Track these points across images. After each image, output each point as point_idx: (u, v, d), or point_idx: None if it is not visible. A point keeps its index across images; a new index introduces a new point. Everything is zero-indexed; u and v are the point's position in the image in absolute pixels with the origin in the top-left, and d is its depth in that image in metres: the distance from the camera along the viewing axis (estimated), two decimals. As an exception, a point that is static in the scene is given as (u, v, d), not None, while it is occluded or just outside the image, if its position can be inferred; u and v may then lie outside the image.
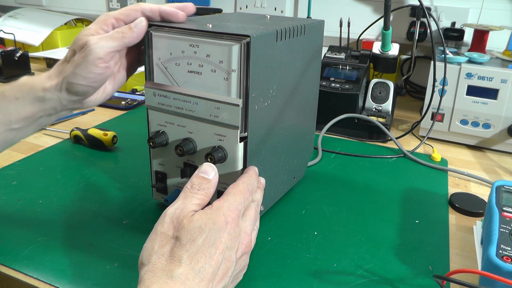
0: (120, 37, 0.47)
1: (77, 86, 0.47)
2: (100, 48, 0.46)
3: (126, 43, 0.48)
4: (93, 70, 0.47)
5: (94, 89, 0.49)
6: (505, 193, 0.55)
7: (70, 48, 0.49)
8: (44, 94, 0.48)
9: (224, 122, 0.48)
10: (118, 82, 0.54)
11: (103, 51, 0.46)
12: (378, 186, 0.68)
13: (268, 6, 1.26)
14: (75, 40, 0.48)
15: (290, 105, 0.56)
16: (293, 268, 0.49)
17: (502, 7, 1.05)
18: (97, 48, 0.46)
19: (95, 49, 0.46)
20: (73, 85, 0.47)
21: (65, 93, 0.48)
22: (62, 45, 1.40)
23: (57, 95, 0.48)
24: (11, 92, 0.48)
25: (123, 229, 0.55)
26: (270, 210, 0.60)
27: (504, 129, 0.80)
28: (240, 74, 0.45)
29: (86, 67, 0.46)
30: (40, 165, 0.70)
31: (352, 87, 0.89)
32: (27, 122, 0.49)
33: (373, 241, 0.54)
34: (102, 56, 0.46)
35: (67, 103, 0.49)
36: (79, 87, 0.48)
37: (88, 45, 0.46)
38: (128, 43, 0.48)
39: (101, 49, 0.46)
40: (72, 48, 0.48)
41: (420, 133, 0.89)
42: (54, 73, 0.49)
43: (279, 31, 0.49)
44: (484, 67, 0.79)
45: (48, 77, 0.49)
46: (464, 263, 0.52)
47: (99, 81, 0.49)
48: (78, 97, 0.49)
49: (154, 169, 0.56)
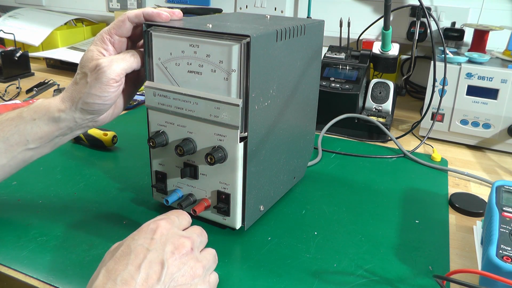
0: (132, 61, 0.51)
1: (93, 105, 0.50)
2: (113, 71, 0.49)
3: (137, 65, 0.51)
4: (107, 89, 0.49)
5: (108, 107, 0.52)
6: (505, 193, 0.55)
7: (78, 71, 0.51)
8: (59, 115, 0.50)
9: (224, 122, 0.48)
10: (128, 95, 0.56)
11: (115, 72, 0.49)
12: (378, 186, 0.68)
13: (268, 6, 1.26)
14: (83, 63, 0.51)
15: (290, 105, 0.56)
16: (293, 268, 0.49)
17: (502, 7, 1.05)
18: (110, 70, 0.49)
19: (108, 71, 0.49)
20: (89, 105, 0.50)
21: (79, 112, 0.51)
22: (62, 45, 1.40)
23: (71, 115, 0.51)
24: (28, 114, 0.51)
25: (123, 229, 0.55)
26: (270, 210, 0.60)
27: (504, 129, 0.80)
28: (240, 74, 0.45)
29: (101, 87, 0.49)
30: (40, 165, 0.70)
31: (352, 87, 0.89)
32: (43, 142, 0.51)
33: (373, 241, 0.54)
34: (115, 77, 0.49)
35: (81, 122, 0.52)
36: (95, 106, 0.50)
37: (101, 67, 0.49)
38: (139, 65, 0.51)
39: (113, 71, 0.49)
40: (82, 71, 0.51)
41: (420, 133, 0.89)
42: (67, 96, 0.51)
43: (279, 31, 0.49)
44: (484, 67, 0.79)
45: (62, 99, 0.51)
46: (464, 263, 0.52)
47: (113, 98, 0.51)
48: (92, 116, 0.51)
49: (154, 169, 0.56)
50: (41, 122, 0.50)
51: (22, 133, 0.50)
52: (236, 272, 0.48)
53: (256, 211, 0.54)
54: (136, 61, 0.51)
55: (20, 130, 0.50)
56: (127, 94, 0.56)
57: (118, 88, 0.50)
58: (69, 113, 0.50)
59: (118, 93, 0.51)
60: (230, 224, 0.53)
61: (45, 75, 1.24)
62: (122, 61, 0.50)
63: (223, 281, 0.46)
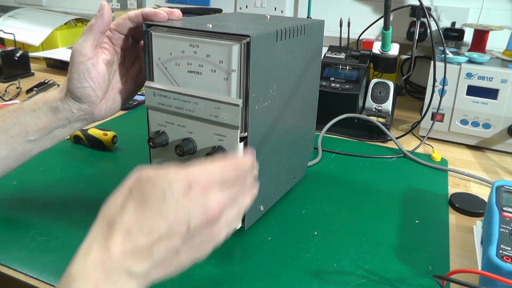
0: (89, 27, 0.50)
1: (76, 91, 0.50)
2: (78, 46, 0.49)
3: (98, 30, 0.50)
4: (80, 68, 0.49)
5: (94, 91, 0.51)
6: (505, 193, 0.55)
7: None
8: (57, 105, 0.51)
9: (224, 122, 0.48)
10: (128, 93, 0.56)
11: (80, 47, 0.49)
12: (378, 186, 0.68)
13: (268, 6, 1.26)
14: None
15: (290, 105, 0.56)
16: (293, 268, 0.49)
17: (502, 7, 1.05)
18: (76, 47, 0.49)
19: (75, 48, 0.49)
20: (73, 91, 0.50)
21: (72, 101, 0.51)
22: (62, 45, 1.40)
23: (67, 105, 0.51)
24: (29, 105, 0.51)
25: (123, 229, 0.55)
26: (270, 210, 0.60)
27: (504, 129, 0.80)
28: (240, 74, 0.45)
29: (75, 68, 0.49)
30: (40, 165, 0.70)
31: (352, 87, 0.89)
32: (42, 133, 0.51)
33: (373, 241, 0.54)
34: (81, 51, 0.49)
35: (78, 113, 0.52)
36: (78, 91, 0.50)
37: (72, 50, 0.50)
38: (101, 29, 0.50)
39: (79, 46, 0.49)
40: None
41: (420, 133, 0.89)
42: (62, 86, 0.52)
43: (279, 31, 0.49)
44: (484, 67, 0.79)
45: (59, 90, 0.52)
46: (464, 263, 0.52)
47: (94, 80, 0.50)
48: (84, 104, 0.51)
49: (154, 169, 0.56)
50: (40, 113, 0.51)
51: (22, 124, 0.50)
52: (236, 272, 0.48)
53: (256, 211, 0.54)
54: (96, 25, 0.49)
55: (20, 121, 0.50)
56: (125, 91, 0.56)
57: (93, 68, 0.50)
58: (65, 102, 0.51)
59: (98, 75, 0.50)
60: (230, 224, 0.53)
61: (45, 75, 1.24)
62: (83, 34, 0.50)
63: (223, 281, 0.47)
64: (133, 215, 0.33)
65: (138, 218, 0.33)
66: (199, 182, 0.34)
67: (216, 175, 0.36)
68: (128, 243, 0.32)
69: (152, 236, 0.33)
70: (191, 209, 0.34)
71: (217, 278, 0.47)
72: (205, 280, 0.47)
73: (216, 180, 0.35)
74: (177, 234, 0.33)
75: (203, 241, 0.36)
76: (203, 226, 0.35)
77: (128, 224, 0.33)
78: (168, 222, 0.33)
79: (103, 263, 0.31)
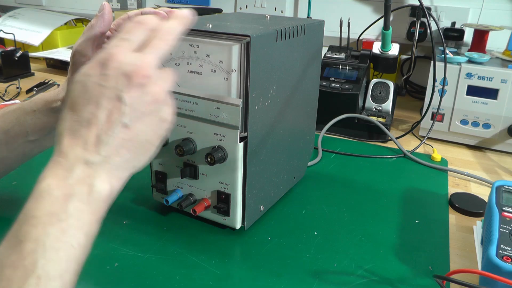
0: (89, 27, 0.49)
1: None
2: (79, 46, 0.49)
3: (99, 30, 0.49)
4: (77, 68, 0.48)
5: None
6: (505, 193, 0.55)
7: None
8: (57, 105, 0.50)
9: (224, 122, 0.48)
10: None
11: (80, 47, 0.49)
12: (378, 186, 0.68)
13: (268, 6, 1.26)
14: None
15: (290, 105, 0.56)
16: (293, 268, 0.49)
17: (502, 7, 1.05)
18: (77, 47, 0.49)
19: (76, 49, 0.49)
20: None
21: None
22: (62, 45, 1.40)
23: None
24: (29, 105, 0.51)
25: (123, 229, 0.55)
26: (270, 210, 0.60)
27: (504, 129, 0.80)
28: (240, 74, 0.45)
29: (75, 68, 0.49)
30: (40, 165, 0.69)
31: (352, 87, 0.89)
32: (42, 133, 0.51)
33: (373, 241, 0.54)
34: (81, 51, 0.48)
35: None
36: None
37: (72, 50, 0.49)
38: (101, 29, 0.49)
39: (79, 46, 0.49)
40: None
41: (420, 133, 0.89)
42: (62, 86, 0.52)
43: (279, 31, 0.49)
44: (484, 67, 0.79)
45: (60, 90, 0.52)
46: (464, 263, 0.52)
47: None
48: None
49: (154, 169, 0.56)
50: (40, 113, 0.50)
51: (22, 125, 0.50)
52: (236, 272, 0.48)
53: (256, 211, 0.54)
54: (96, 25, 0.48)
55: (20, 121, 0.50)
56: None
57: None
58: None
59: None
60: (230, 224, 0.53)
61: (45, 75, 1.24)
62: (83, 33, 0.49)
63: (223, 281, 0.47)
64: (69, 116, 0.35)
65: (73, 116, 0.35)
66: (110, 57, 0.36)
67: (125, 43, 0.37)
68: (75, 139, 0.34)
69: (93, 123, 0.34)
70: (113, 80, 0.35)
71: (217, 278, 0.47)
72: (205, 280, 0.47)
73: (124, 47, 0.37)
74: (114, 109, 0.35)
75: (147, 103, 0.36)
76: (134, 89, 0.35)
77: (69, 125, 0.35)
78: (99, 104, 0.35)
79: (60, 164, 0.34)
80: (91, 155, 0.34)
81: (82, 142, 0.34)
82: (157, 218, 0.57)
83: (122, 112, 0.35)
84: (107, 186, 0.35)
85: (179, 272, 0.48)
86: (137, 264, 0.49)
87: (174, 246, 0.52)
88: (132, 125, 0.35)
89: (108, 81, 0.35)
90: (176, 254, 0.51)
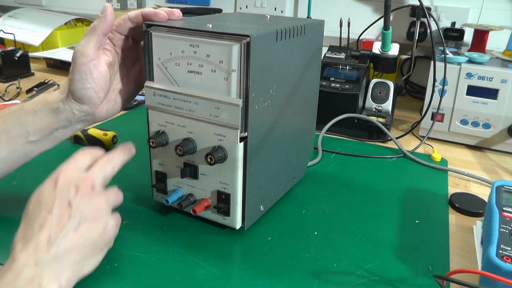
0: (92, 28, 0.50)
1: (77, 92, 0.50)
2: (81, 47, 0.49)
3: (101, 31, 0.50)
4: (82, 69, 0.49)
5: (95, 93, 0.51)
6: (505, 193, 0.55)
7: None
8: (58, 106, 0.51)
9: (224, 122, 0.48)
10: (128, 94, 0.56)
11: (82, 48, 0.49)
12: (378, 186, 0.68)
13: (268, 6, 1.26)
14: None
15: (290, 105, 0.56)
16: (293, 268, 0.49)
17: (502, 7, 1.05)
18: (79, 48, 0.49)
19: (78, 50, 0.49)
20: (74, 92, 0.50)
21: (73, 103, 0.51)
22: (62, 45, 1.40)
23: (69, 106, 0.51)
24: (30, 106, 0.51)
25: (123, 229, 0.55)
26: (270, 210, 0.60)
27: (504, 129, 0.80)
28: (240, 74, 0.45)
29: (77, 69, 0.49)
30: (40, 165, 0.70)
31: (352, 87, 0.89)
32: (43, 134, 0.51)
33: (373, 241, 0.54)
34: (83, 52, 0.49)
35: (79, 114, 0.52)
36: (79, 92, 0.50)
37: (74, 51, 0.50)
38: (103, 31, 0.50)
39: (81, 47, 0.49)
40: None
41: (420, 133, 0.89)
42: (63, 87, 0.52)
43: (279, 31, 0.49)
44: (484, 67, 0.79)
45: (60, 91, 0.52)
46: (464, 263, 0.52)
47: (96, 81, 0.50)
48: (86, 106, 0.51)
49: (154, 169, 0.56)
50: (41, 114, 0.51)
51: (23, 125, 0.50)
52: (236, 272, 0.48)
53: (256, 211, 0.54)
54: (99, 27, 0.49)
55: (21, 122, 0.50)
56: (126, 92, 0.56)
57: (95, 69, 0.50)
58: (66, 103, 0.51)
59: (100, 77, 0.50)
60: (230, 224, 0.53)
61: (45, 75, 1.24)
62: (86, 35, 0.50)
63: (223, 281, 0.47)
64: (23, 226, 0.41)
65: (27, 225, 0.40)
66: (63, 173, 0.43)
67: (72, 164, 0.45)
68: (27, 244, 0.38)
69: (45, 227, 0.39)
70: (64, 190, 0.42)
71: (217, 278, 0.47)
72: (205, 280, 0.47)
73: (74, 167, 0.45)
74: (65, 213, 0.40)
75: (93, 211, 0.42)
76: (82, 197, 0.42)
77: (22, 234, 0.40)
78: (52, 210, 0.40)
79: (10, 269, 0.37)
80: (42, 254, 0.38)
81: (33, 244, 0.38)
82: (157, 218, 0.57)
83: (70, 215, 0.40)
84: (55, 284, 0.38)
85: (179, 272, 0.48)
86: (137, 264, 0.49)
87: (174, 246, 0.52)
88: (80, 227, 0.41)
89: (59, 192, 0.41)
90: (176, 254, 0.51)
